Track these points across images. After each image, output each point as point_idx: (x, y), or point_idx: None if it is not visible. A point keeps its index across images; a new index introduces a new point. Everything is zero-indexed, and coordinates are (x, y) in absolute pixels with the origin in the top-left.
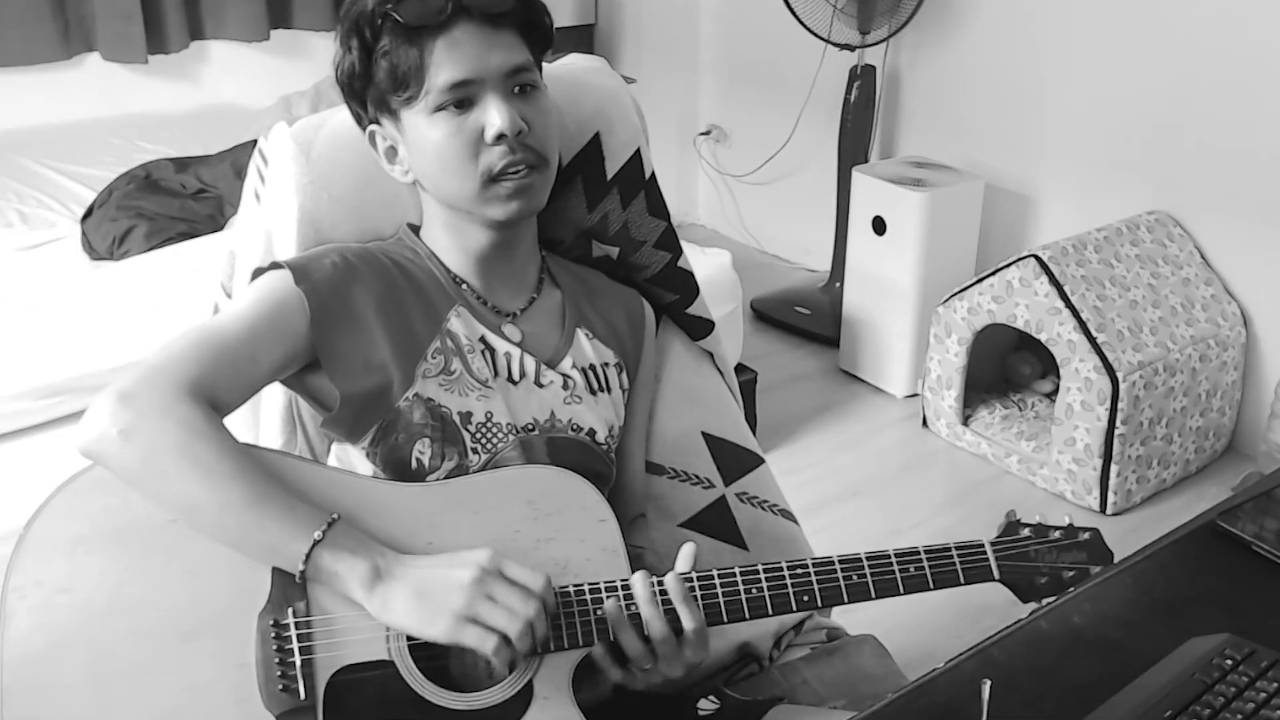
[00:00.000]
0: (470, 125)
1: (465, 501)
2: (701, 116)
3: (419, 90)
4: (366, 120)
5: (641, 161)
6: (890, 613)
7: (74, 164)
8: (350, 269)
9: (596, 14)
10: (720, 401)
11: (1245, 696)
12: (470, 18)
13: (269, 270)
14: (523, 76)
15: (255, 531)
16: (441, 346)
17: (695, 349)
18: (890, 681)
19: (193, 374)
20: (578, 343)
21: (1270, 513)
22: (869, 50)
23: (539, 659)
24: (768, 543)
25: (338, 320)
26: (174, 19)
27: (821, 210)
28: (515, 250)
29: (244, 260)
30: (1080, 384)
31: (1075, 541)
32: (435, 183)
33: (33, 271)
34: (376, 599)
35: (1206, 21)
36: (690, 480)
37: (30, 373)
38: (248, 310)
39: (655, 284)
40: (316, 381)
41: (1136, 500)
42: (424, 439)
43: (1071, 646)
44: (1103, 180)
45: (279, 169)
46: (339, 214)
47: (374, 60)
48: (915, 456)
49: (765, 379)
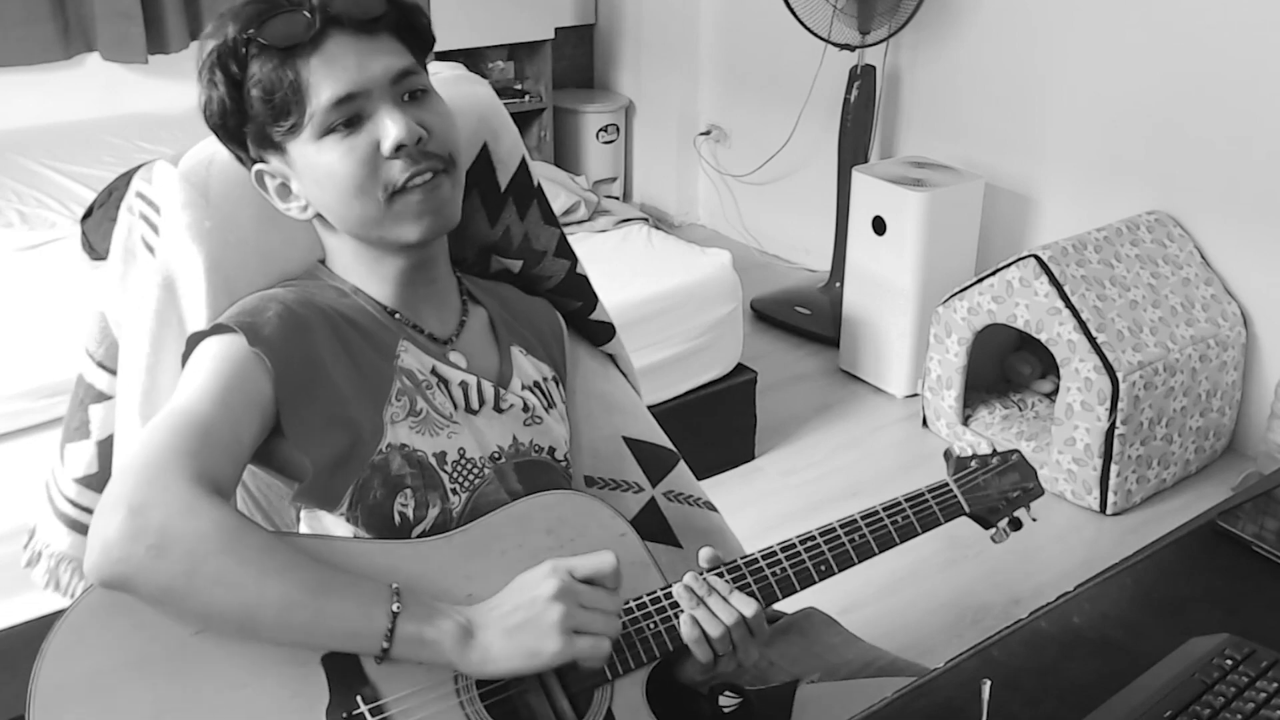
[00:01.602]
0: (364, 142)
1: (489, 545)
2: (701, 116)
3: (301, 116)
4: (249, 160)
5: (529, 169)
6: (890, 612)
7: (74, 164)
8: (296, 318)
9: (596, 14)
10: (631, 404)
11: (1245, 696)
12: (342, 29)
13: (212, 335)
14: (410, 81)
15: (327, 621)
16: (403, 387)
17: (599, 355)
18: (852, 647)
19: (190, 466)
20: (517, 361)
21: (1270, 513)
22: (869, 50)
23: (610, 686)
24: (697, 536)
25: (298, 378)
26: (174, 19)
27: (821, 210)
28: (435, 270)
29: (126, 323)
30: (1080, 384)
31: (1009, 465)
32: (338, 213)
33: (33, 271)
34: (475, 653)
35: (1206, 21)
36: (621, 487)
37: (30, 373)
38: (210, 384)
39: (558, 293)
40: (280, 450)
41: (1136, 500)
42: (404, 490)
43: (1071, 646)
44: (1103, 180)
45: (172, 216)
46: (247, 258)
47: (245, 93)
48: (915, 456)
49: (765, 379)
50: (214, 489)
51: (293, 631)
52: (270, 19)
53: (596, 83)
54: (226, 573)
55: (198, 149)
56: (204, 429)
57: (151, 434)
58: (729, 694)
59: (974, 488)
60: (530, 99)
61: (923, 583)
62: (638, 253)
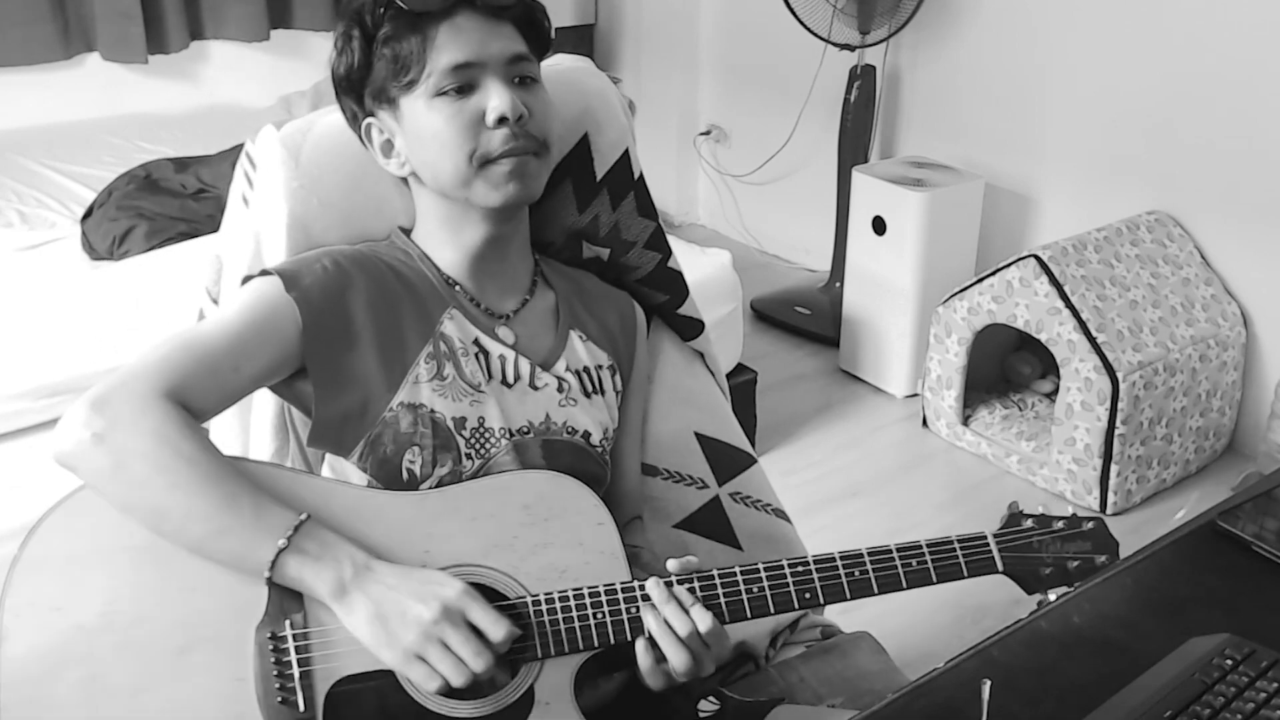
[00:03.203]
0: (471, 108)
1: (461, 508)
2: (701, 116)
3: (420, 73)
4: (362, 115)
5: (630, 162)
6: (890, 612)
7: (74, 164)
8: (341, 273)
9: (596, 14)
10: (712, 401)
11: (1245, 696)
12: (473, 8)
13: (258, 277)
14: (524, 67)
15: (219, 539)
16: (435, 351)
17: (686, 349)
18: (888, 678)
19: (170, 380)
20: (571, 345)
21: (1270, 513)
22: (869, 50)
23: (540, 664)
24: (762, 542)
25: (328, 328)
26: (174, 19)
27: (821, 210)
28: (509, 248)
29: (231, 265)
30: (1080, 384)
31: (1079, 531)
32: (433, 169)
33: (33, 271)
34: (342, 607)
35: (1206, 21)
36: (684, 481)
37: (30, 373)
38: (234, 317)
39: (646, 285)
40: (306, 389)
41: (1136, 500)
42: (413, 447)
43: (1071, 646)
44: (1103, 180)
45: (267, 173)
46: (329, 218)
47: (375, 49)
48: (915, 456)
49: (765, 379)
50: (180, 403)
51: (190, 540)
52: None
53: None
54: (144, 475)
55: (303, 118)
56: (201, 352)
57: (155, 346)
58: (710, 700)
59: (1021, 547)
60: None
61: None
62: None
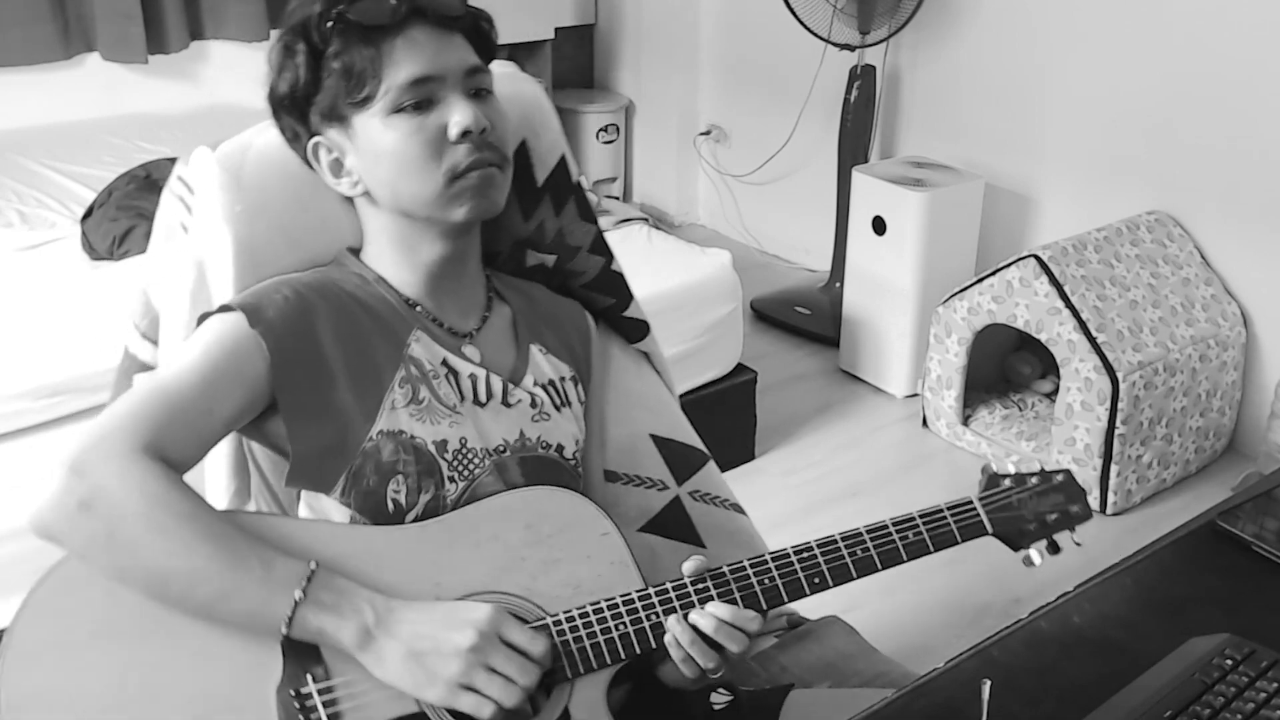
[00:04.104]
0: (431, 124)
1: (464, 535)
2: (701, 116)
3: (376, 89)
4: (307, 135)
5: (568, 166)
6: (890, 612)
7: (74, 164)
8: (304, 302)
9: (596, 14)
10: (662, 402)
11: (1245, 696)
12: (424, 19)
13: (216, 314)
14: (479, 78)
15: (229, 600)
16: (407, 375)
17: (633, 352)
18: (867, 658)
19: (145, 434)
20: (534, 359)
21: (1270, 513)
22: (869, 50)
23: (570, 684)
24: (724, 538)
25: (297, 361)
26: (174, 19)
27: (821, 210)
28: (465, 265)
29: (170, 298)
30: (1080, 384)
31: (1052, 485)
32: (393, 188)
33: (33, 271)
34: (369, 655)
35: (1206, 21)
36: (644, 484)
37: (30, 373)
38: (199, 359)
39: (592, 289)
40: (276, 428)
41: (1136, 500)
42: (397, 476)
43: (1071, 646)
44: (1103, 180)
45: (207, 198)
46: (276, 242)
47: (324, 65)
48: (915, 456)
49: (765, 379)
50: (160, 458)
51: (198, 604)
52: (358, 1)
53: (596, 83)
54: (141, 538)
55: (237, 137)
56: (172, 401)
57: (121, 400)
58: (721, 691)
59: (1004, 507)
60: None
61: (923, 582)
62: (638, 253)
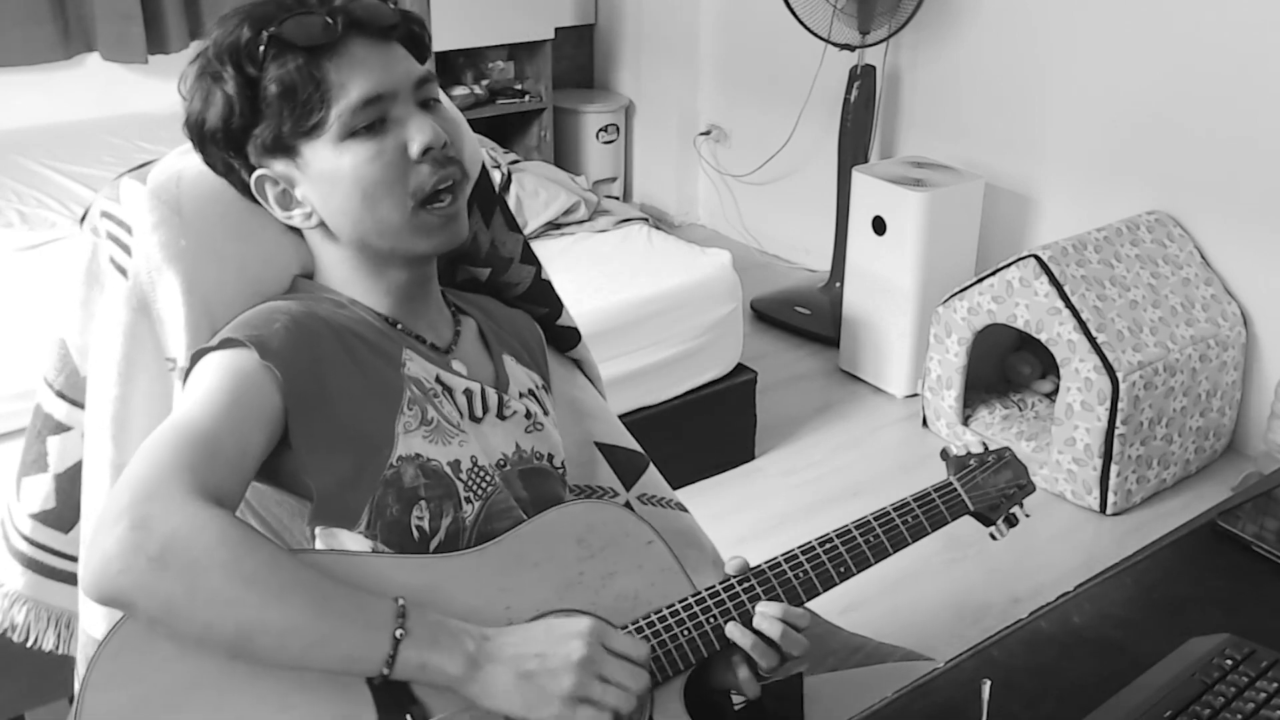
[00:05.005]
0: (391, 145)
1: (521, 556)
2: (701, 116)
3: (326, 116)
4: (245, 169)
5: (489, 176)
6: (890, 612)
7: (74, 164)
8: (302, 330)
9: (596, 14)
10: (600, 409)
11: (1245, 696)
12: (362, 34)
13: (218, 350)
14: (429, 88)
15: (325, 647)
16: (413, 395)
17: (566, 361)
18: (836, 638)
19: (196, 479)
20: (511, 370)
21: (1270, 513)
22: (869, 50)
23: (651, 695)
24: (673, 537)
25: (309, 390)
26: (174, 19)
27: (821, 210)
28: (431, 282)
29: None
30: (1080, 384)
31: (1005, 462)
32: (354, 217)
33: (33, 271)
34: (476, 686)
35: (1207, 21)
36: (597, 494)
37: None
38: (218, 397)
39: (526, 300)
40: (288, 465)
41: (1136, 500)
42: (420, 502)
43: (1071, 646)
44: (1103, 180)
45: (148, 237)
46: (223, 276)
47: (260, 92)
48: (915, 456)
49: (765, 379)
50: (217, 503)
51: (290, 656)
52: (287, 19)
53: (596, 83)
54: (227, 590)
55: (162, 165)
56: (208, 442)
57: (151, 448)
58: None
59: (974, 486)
60: (530, 99)
61: (923, 582)
62: (638, 253)
